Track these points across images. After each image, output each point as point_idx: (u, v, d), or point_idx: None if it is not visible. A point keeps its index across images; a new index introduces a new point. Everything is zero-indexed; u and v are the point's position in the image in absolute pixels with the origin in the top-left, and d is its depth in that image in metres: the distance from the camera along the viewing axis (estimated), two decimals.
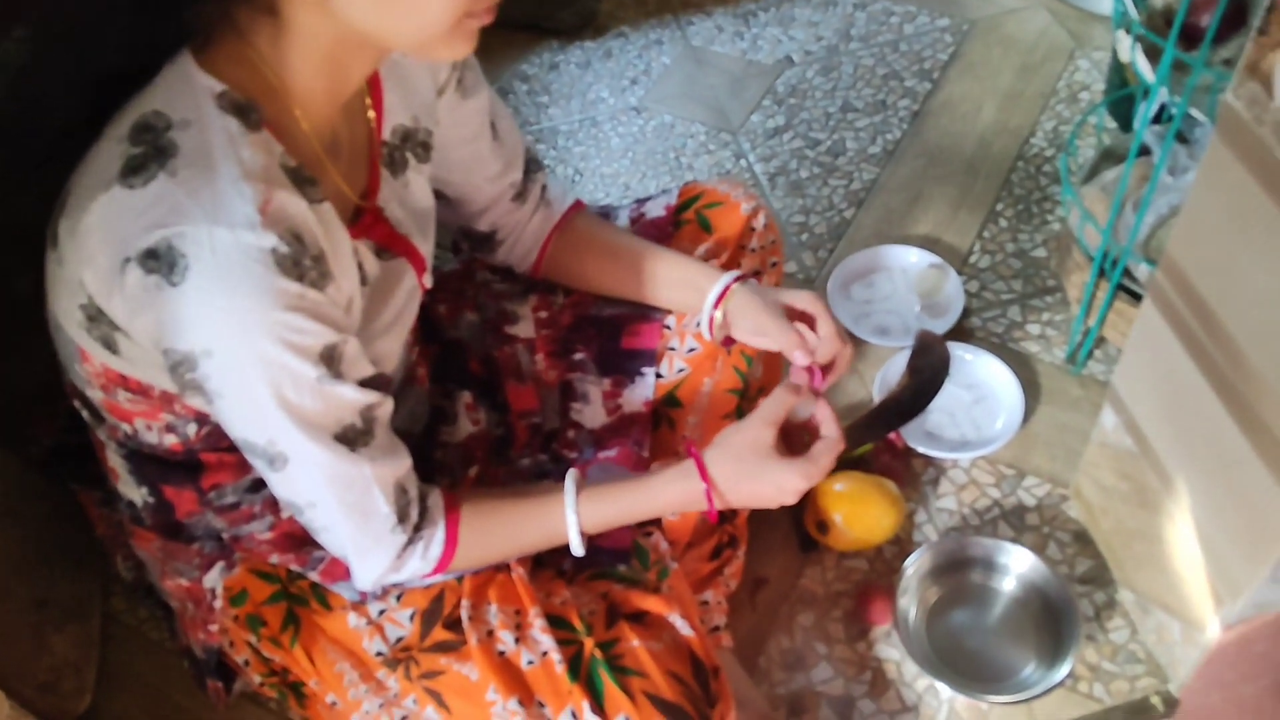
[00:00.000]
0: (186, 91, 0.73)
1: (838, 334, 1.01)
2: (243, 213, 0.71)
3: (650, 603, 0.95)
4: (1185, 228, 0.97)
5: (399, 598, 0.96)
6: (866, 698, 1.21)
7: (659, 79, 2.06)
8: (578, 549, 0.93)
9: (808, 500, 1.29)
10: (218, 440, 0.88)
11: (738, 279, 1.04)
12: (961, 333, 1.53)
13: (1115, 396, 1.16)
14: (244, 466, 0.91)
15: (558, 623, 0.92)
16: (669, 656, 0.90)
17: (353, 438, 0.80)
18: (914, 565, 1.23)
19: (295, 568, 0.99)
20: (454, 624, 0.94)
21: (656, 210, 1.16)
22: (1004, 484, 1.38)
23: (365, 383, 0.81)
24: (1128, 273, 1.35)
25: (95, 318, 0.78)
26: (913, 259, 1.61)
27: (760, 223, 1.16)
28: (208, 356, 0.73)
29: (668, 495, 0.93)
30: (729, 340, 1.07)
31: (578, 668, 0.89)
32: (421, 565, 0.89)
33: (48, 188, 0.80)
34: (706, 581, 1.18)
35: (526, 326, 1.14)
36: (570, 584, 0.98)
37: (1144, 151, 1.38)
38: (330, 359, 0.77)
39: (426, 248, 0.97)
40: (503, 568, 0.96)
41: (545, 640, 0.90)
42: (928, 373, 1.06)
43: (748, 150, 1.88)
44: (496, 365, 1.14)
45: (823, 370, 1.00)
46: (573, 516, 0.91)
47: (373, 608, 0.96)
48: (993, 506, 1.36)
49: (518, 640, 0.91)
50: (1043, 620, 1.21)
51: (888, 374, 1.47)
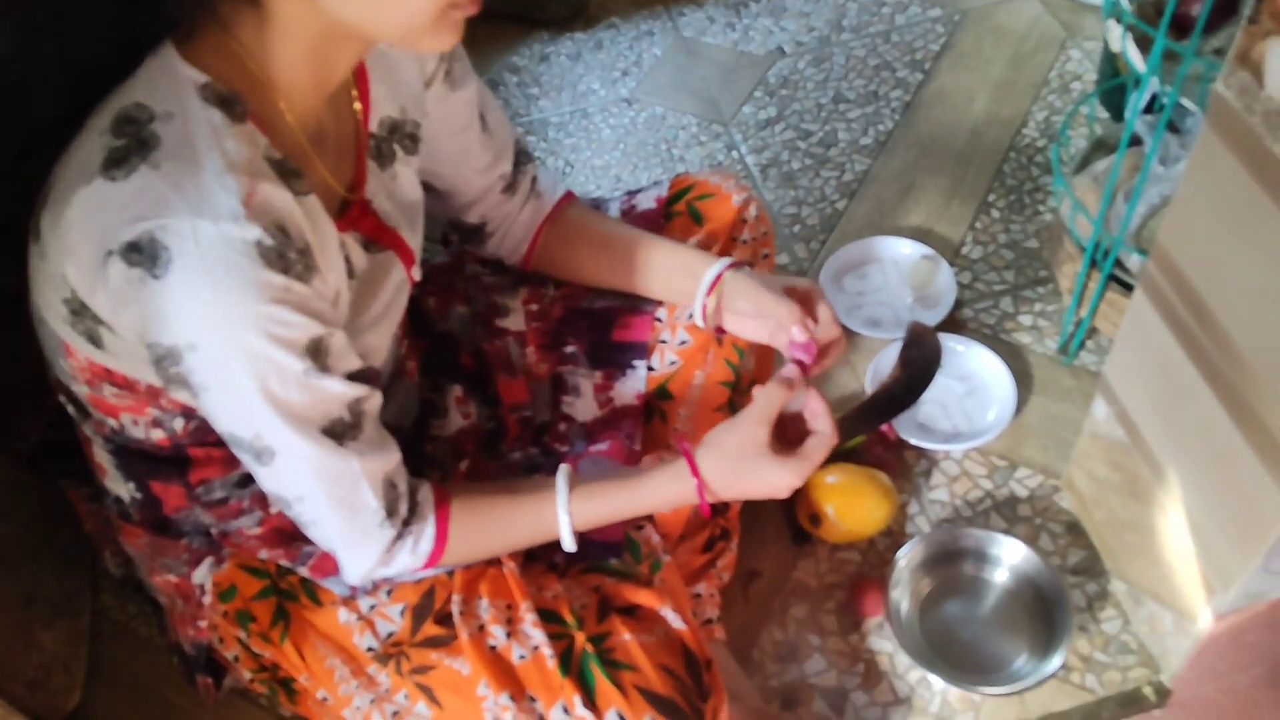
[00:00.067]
0: (169, 83, 0.73)
1: (833, 319, 1.01)
2: (226, 205, 0.70)
3: (642, 596, 0.95)
4: (1176, 217, 0.97)
5: (389, 593, 0.96)
6: (859, 690, 1.21)
7: (650, 70, 2.06)
8: (569, 546, 0.93)
9: (800, 493, 1.29)
10: (205, 435, 0.88)
11: (731, 265, 1.03)
12: (954, 324, 1.53)
13: (1107, 387, 1.16)
14: (232, 461, 0.91)
15: (549, 617, 0.92)
16: (661, 650, 0.90)
17: (340, 431, 0.80)
18: (906, 557, 1.23)
19: (285, 563, 0.98)
20: (445, 619, 0.94)
21: (647, 202, 1.16)
22: (996, 475, 1.38)
23: (353, 376, 0.81)
24: (1119, 263, 1.35)
25: (79, 312, 0.77)
26: (905, 250, 1.61)
27: (752, 214, 1.15)
28: (192, 350, 0.73)
29: (660, 493, 0.93)
30: (721, 330, 1.07)
31: (569, 662, 0.89)
32: (411, 561, 0.89)
33: (30, 181, 0.79)
34: (699, 574, 1.18)
35: (517, 319, 1.14)
36: (562, 578, 0.98)
37: (1135, 141, 1.37)
38: (316, 352, 0.76)
39: (415, 240, 0.97)
40: (494, 562, 0.96)
41: (536, 634, 0.90)
42: (919, 364, 1.05)
43: (739, 142, 1.88)
44: (487, 358, 1.14)
45: (818, 354, 1.00)
46: (565, 517, 0.91)
47: (363, 603, 0.96)
48: (985, 498, 1.36)
49: (509, 635, 0.91)
50: (1035, 611, 1.21)
51: (880, 366, 1.47)
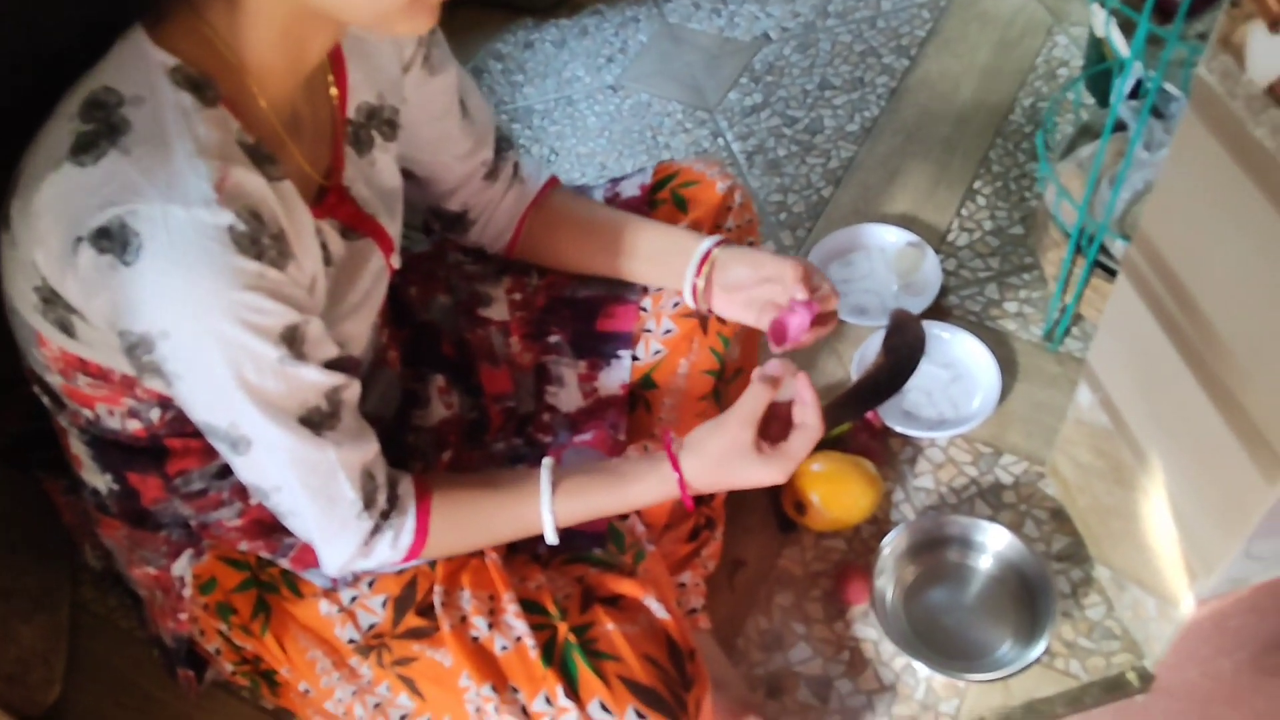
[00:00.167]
0: (139, 67, 0.72)
1: (834, 289, 1.00)
2: (198, 190, 0.69)
3: (625, 586, 0.95)
4: (1159, 203, 0.97)
5: (371, 584, 0.95)
6: (844, 677, 1.21)
7: (635, 57, 2.04)
8: (552, 540, 0.93)
9: (785, 481, 1.28)
10: (182, 425, 0.87)
11: (720, 242, 1.03)
12: (939, 311, 1.53)
13: (1091, 373, 1.15)
14: (210, 452, 0.90)
15: (531, 607, 0.91)
16: (644, 640, 0.90)
17: (318, 421, 0.79)
18: (891, 544, 1.23)
19: (265, 555, 0.98)
20: (427, 610, 0.93)
21: (631, 190, 1.15)
22: (981, 462, 1.38)
23: (331, 365, 0.80)
24: (1104, 249, 1.35)
25: (50, 300, 0.76)
26: (891, 238, 1.60)
27: (736, 201, 1.15)
28: (165, 338, 0.72)
29: (643, 492, 0.93)
30: (710, 308, 1.06)
31: (551, 652, 0.88)
32: (391, 554, 0.88)
33: None
34: (684, 563, 1.18)
35: (500, 309, 1.13)
36: (545, 568, 0.98)
37: (1121, 127, 1.37)
38: (292, 340, 0.75)
39: (394, 228, 0.96)
40: (476, 553, 0.96)
41: (519, 625, 0.90)
42: (903, 351, 1.05)
43: (725, 129, 1.87)
44: (470, 348, 1.13)
45: (814, 321, 0.99)
46: (549, 516, 0.91)
47: (344, 594, 0.95)
48: (970, 485, 1.36)
49: (491, 626, 0.91)
50: (1020, 598, 1.22)
51: (866, 353, 1.47)
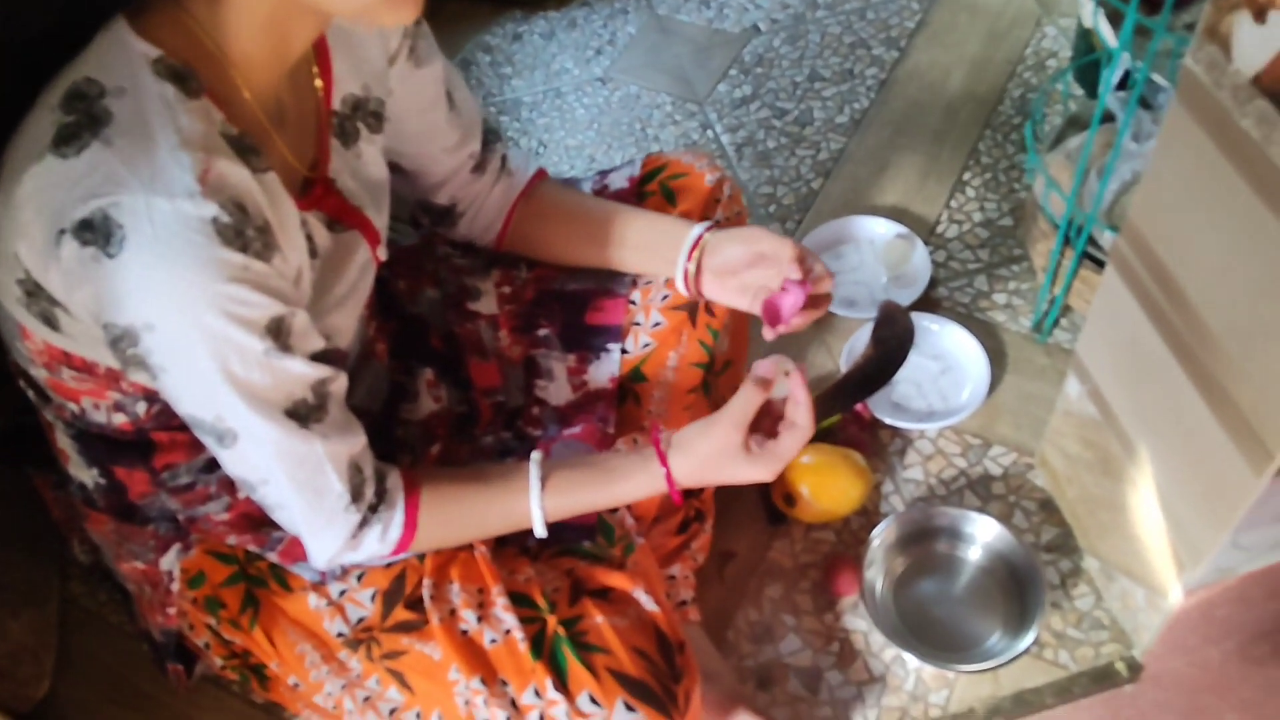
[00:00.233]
0: (121, 58, 0.71)
1: (827, 271, 0.99)
2: (181, 181, 0.68)
3: (615, 579, 0.95)
4: (1146, 194, 0.97)
5: (360, 578, 0.95)
6: (834, 669, 1.21)
7: (624, 49, 2.04)
8: (541, 534, 0.93)
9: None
10: (169, 419, 0.86)
11: (711, 227, 1.03)
12: (928, 303, 1.53)
13: (1079, 364, 1.16)
14: (197, 446, 0.89)
15: (521, 600, 0.91)
16: (634, 632, 0.90)
17: (304, 413, 0.79)
18: (880, 536, 1.23)
19: (253, 549, 0.98)
20: (416, 603, 0.93)
21: (620, 182, 1.14)
22: (970, 454, 1.38)
23: (317, 357, 0.80)
24: (1093, 240, 1.35)
25: (33, 293, 0.76)
26: (880, 230, 1.60)
27: (725, 193, 1.14)
28: (149, 330, 0.71)
29: (632, 489, 0.93)
30: (701, 294, 1.06)
31: (541, 645, 0.88)
32: (379, 548, 0.88)
33: None
34: (674, 556, 1.18)
35: (489, 302, 1.12)
36: (534, 561, 0.97)
37: (1109, 118, 1.37)
38: (278, 332, 0.75)
39: (380, 220, 0.95)
40: (465, 546, 0.96)
41: (508, 618, 0.90)
42: (892, 343, 1.05)
43: (714, 121, 1.86)
44: (458, 341, 1.13)
45: (807, 303, 0.98)
46: (538, 511, 0.91)
47: (333, 588, 0.95)
48: (959, 476, 1.36)
49: (480, 619, 0.91)
50: (1009, 588, 1.22)
51: (855, 346, 1.46)
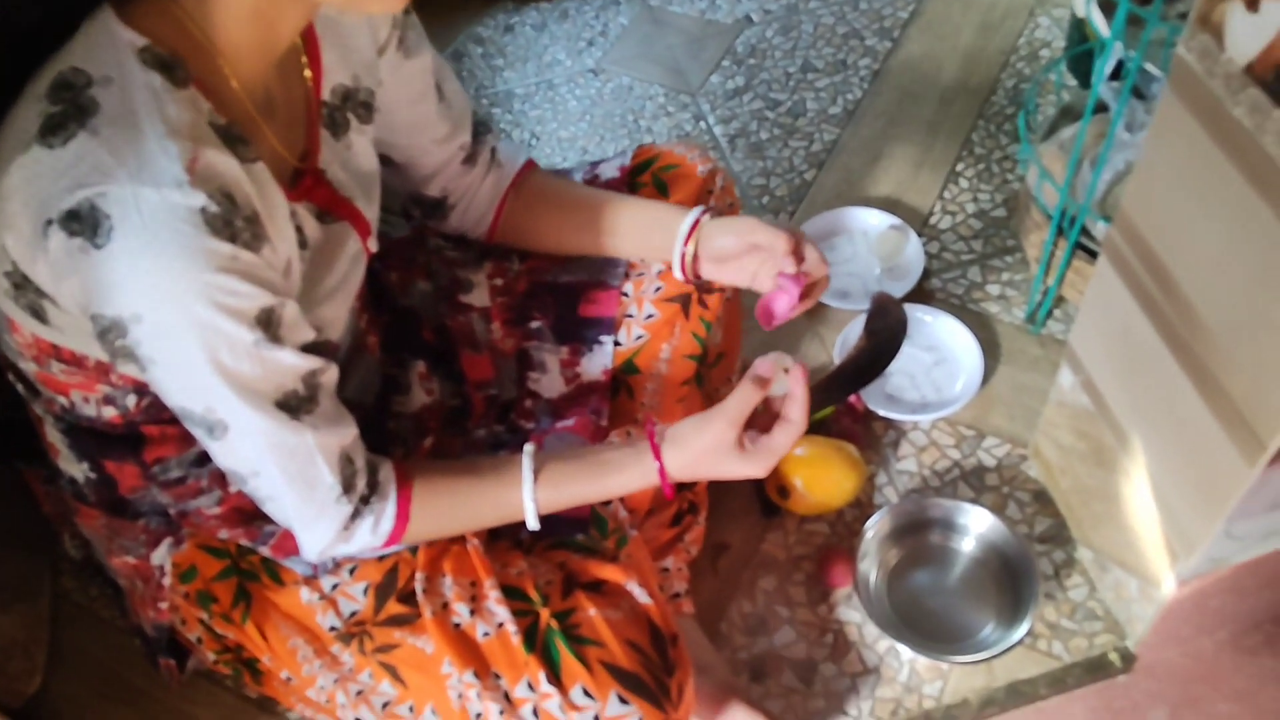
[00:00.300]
0: (107, 47, 0.70)
1: (820, 257, 0.99)
2: (169, 171, 0.68)
3: (608, 571, 0.94)
4: (1139, 184, 0.97)
5: (352, 571, 0.95)
6: (828, 660, 1.21)
7: (616, 40, 2.03)
8: (534, 527, 0.92)
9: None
10: (159, 412, 0.86)
11: (706, 210, 1.02)
12: (922, 294, 1.53)
13: (1072, 355, 1.16)
14: (188, 439, 0.89)
15: (513, 593, 0.91)
16: (627, 625, 0.90)
17: (295, 405, 0.78)
18: (874, 528, 1.23)
19: (245, 542, 0.97)
20: (408, 597, 0.93)
21: (610, 172, 1.14)
22: (964, 445, 1.38)
23: (308, 349, 0.79)
24: (1086, 231, 1.35)
25: (21, 285, 0.75)
26: (873, 221, 1.60)
27: (718, 184, 1.14)
28: (137, 322, 0.71)
29: (625, 482, 0.92)
30: (699, 277, 1.05)
31: (534, 638, 0.88)
32: (372, 540, 0.88)
33: None
34: (667, 548, 1.18)
35: (481, 294, 1.12)
36: (527, 554, 0.97)
37: (1102, 108, 1.37)
38: (267, 322, 0.74)
39: (371, 211, 0.95)
40: (458, 539, 0.95)
41: (501, 611, 0.90)
42: (885, 335, 1.05)
43: (707, 112, 1.86)
44: (450, 334, 1.12)
45: (802, 294, 0.98)
46: (530, 503, 0.90)
47: (325, 582, 0.95)
48: (953, 468, 1.36)
49: (473, 612, 0.90)
50: (1002, 580, 1.22)
51: (848, 337, 1.46)
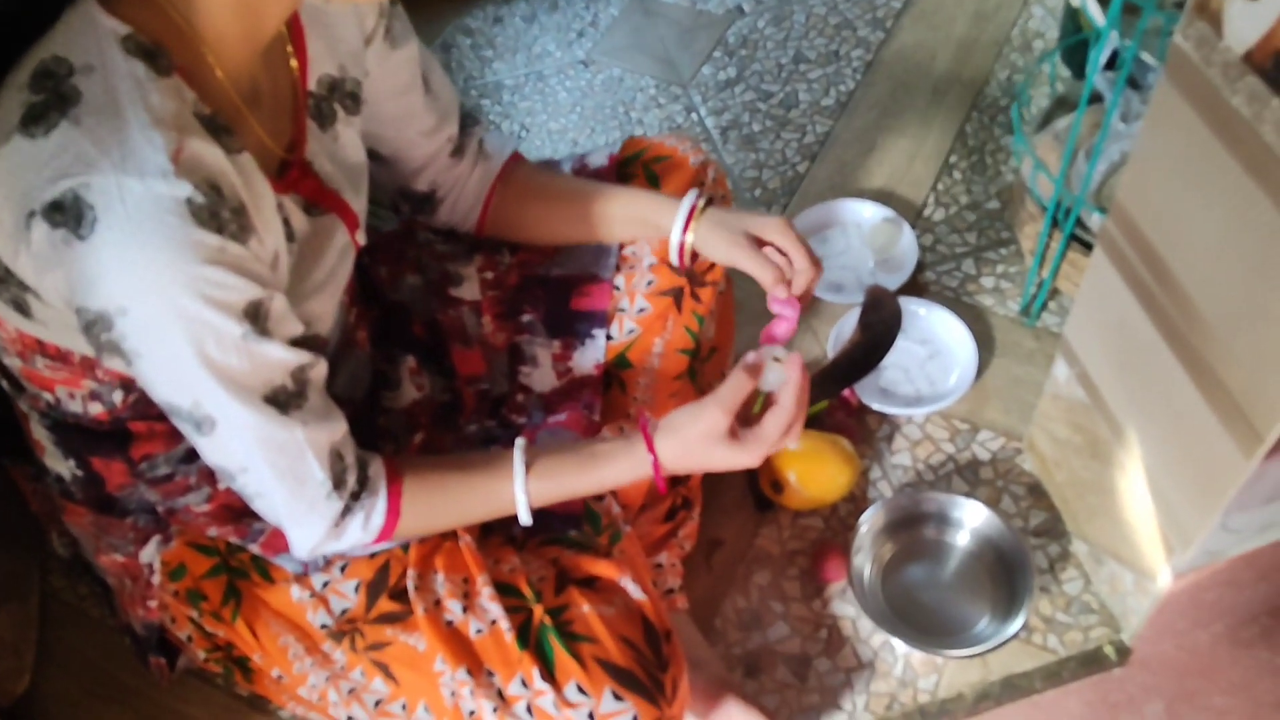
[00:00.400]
0: (89, 35, 0.69)
1: (810, 261, 0.98)
2: (154, 161, 0.67)
3: (601, 567, 0.94)
4: (1135, 174, 0.96)
5: (343, 569, 0.94)
6: (823, 655, 1.21)
7: (607, 31, 2.02)
8: (526, 522, 0.92)
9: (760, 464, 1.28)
10: (146, 408, 0.85)
11: (698, 198, 1.01)
12: (916, 287, 1.52)
13: (1067, 348, 1.15)
14: (176, 436, 0.88)
15: (506, 590, 0.90)
16: (620, 621, 0.89)
17: (284, 400, 0.77)
18: (868, 522, 1.23)
19: (234, 540, 0.96)
20: (400, 594, 0.92)
21: (599, 160, 1.14)
22: (958, 439, 1.37)
23: (297, 343, 0.78)
24: (1081, 222, 1.35)
25: (4, 279, 0.75)
26: (867, 213, 1.59)
27: (710, 177, 1.13)
28: (123, 315, 0.70)
29: (617, 473, 0.92)
30: (695, 257, 1.04)
31: (527, 635, 0.88)
32: (363, 535, 0.87)
33: None
34: (661, 544, 1.17)
35: (471, 288, 1.11)
36: (520, 550, 0.97)
37: (1097, 98, 1.36)
38: (255, 315, 0.73)
39: (359, 204, 0.94)
40: (450, 535, 0.95)
41: (493, 608, 0.89)
42: (879, 328, 1.04)
43: (699, 103, 1.85)
44: (441, 329, 1.11)
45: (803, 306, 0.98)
46: (522, 496, 0.90)
47: (316, 579, 0.94)
48: (947, 461, 1.35)
49: (465, 609, 0.90)
50: (997, 573, 1.22)
51: (842, 331, 1.46)
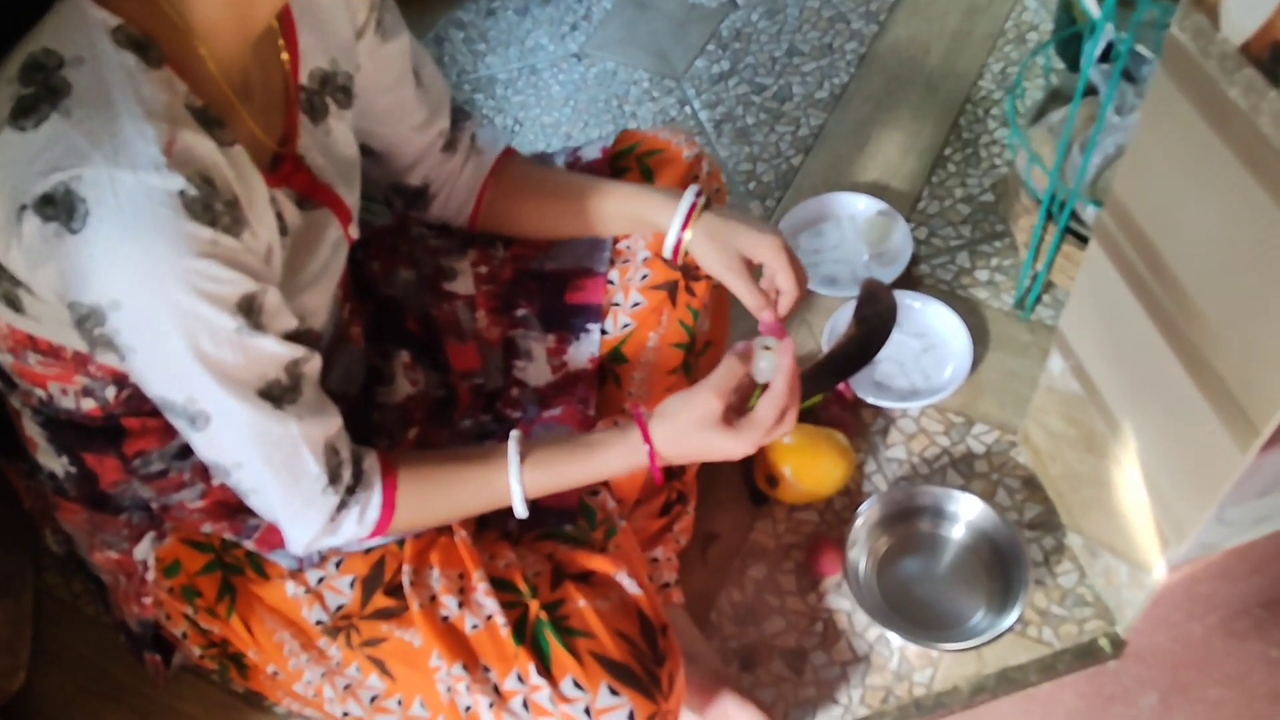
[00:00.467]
0: (79, 27, 0.69)
1: (798, 281, 1.00)
2: (146, 153, 0.66)
3: (597, 562, 0.94)
4: (1130, 167, 0.96)
5: (338, 565, 0.94)
6: (818, 649, 1.21)
7: (600, 24, 2.01)
8: (522, 514, 0.91)
9: (757, 454, 1.27)
10: (139, 404, 0.85)
11: (697, 196, 1.01)
12: (910, 280, 1.52)
13: (1062, 341, 1.15)
14: (170, 431, 0.88)
15: (502, 585, 0.90)
16: (616, 616, 0.89)
17: (278, 394, 0.77)
18: (863, 516, 1.23)
19: (229, 536, 0.96)
20: (395, 590, 0.92)
21: (593, 153, 1.13)
22: (953, 432, 1.37)
23: (290, 337, 0.78)
24: (1075, 215, 1.35)
25: None
26: (861, 206, 1.59)
27: (704, 170, 1.13)
28: (116, 309, 0.69)
29: (612, 462, 0.92)
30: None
31: (523, 630, 0.88)
32: (358, 530, 0.87)
33: None
34: (656, 539, 1.17)
35: (465, 283, 1.11)
36: (515, 545, 0.97)
37: (1091, 91, 1.36)
38: (249, 309, 0.73)
39: (352, 198, 0.93)
40: (445, 531, 0.95)
41: (489, 604, 0.89)
42: (874, 322, 1.04)
43: (692, 97, 1.84)
44: (435, 324, 1.11)
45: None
46: (517, 486, 0.89)
47: (311, 575, 0.94)
48: (942, 455, 1.35)
49: (461, 604, 0.90)
50: (992, 566, 1.22)
51: (836, 324, 1.46)
